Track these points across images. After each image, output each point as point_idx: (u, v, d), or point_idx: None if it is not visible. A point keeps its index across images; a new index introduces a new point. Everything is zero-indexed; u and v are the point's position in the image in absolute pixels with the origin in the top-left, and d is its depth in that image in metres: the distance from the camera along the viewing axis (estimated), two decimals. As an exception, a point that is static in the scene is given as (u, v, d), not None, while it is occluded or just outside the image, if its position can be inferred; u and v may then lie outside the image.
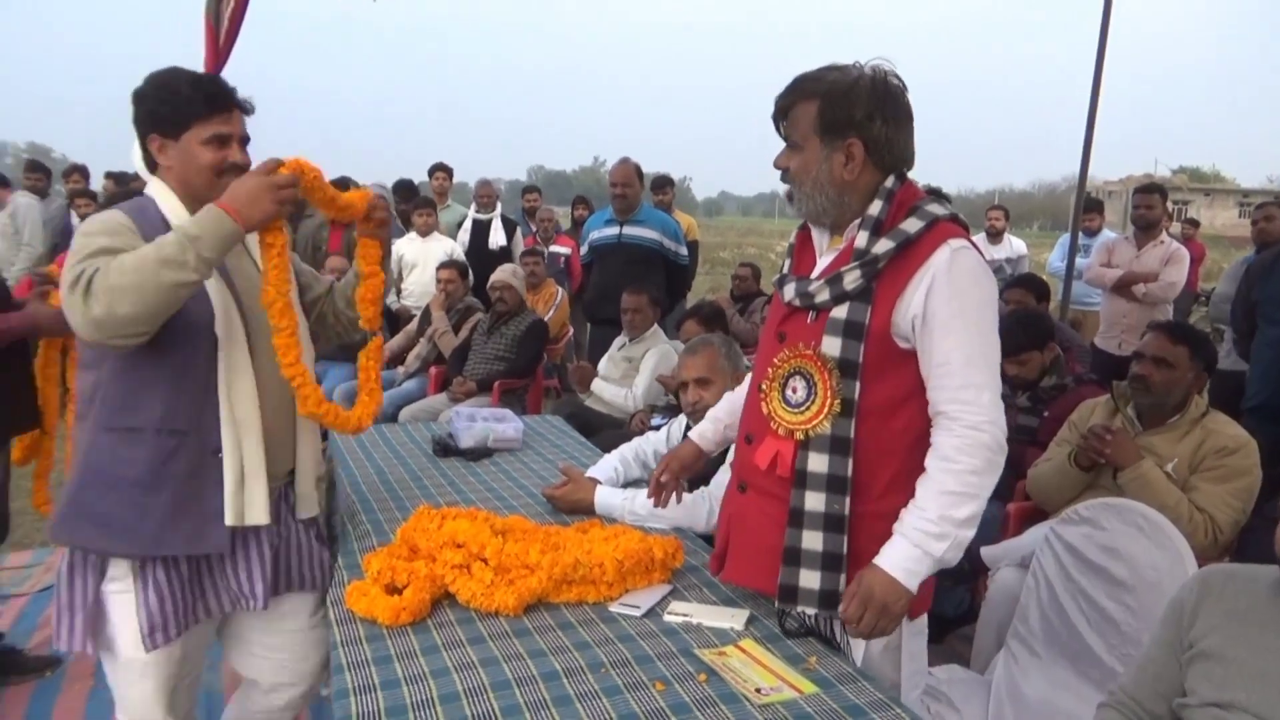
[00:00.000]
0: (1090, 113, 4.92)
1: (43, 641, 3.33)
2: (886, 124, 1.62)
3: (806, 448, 1.65)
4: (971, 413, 1.57)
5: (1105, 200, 40.27)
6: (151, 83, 1.86)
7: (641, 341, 4.67)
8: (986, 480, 1.58)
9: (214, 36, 4.13)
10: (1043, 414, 3.34)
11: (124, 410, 1.78)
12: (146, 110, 1.85)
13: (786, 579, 1.67)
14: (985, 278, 1.62)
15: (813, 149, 1.66)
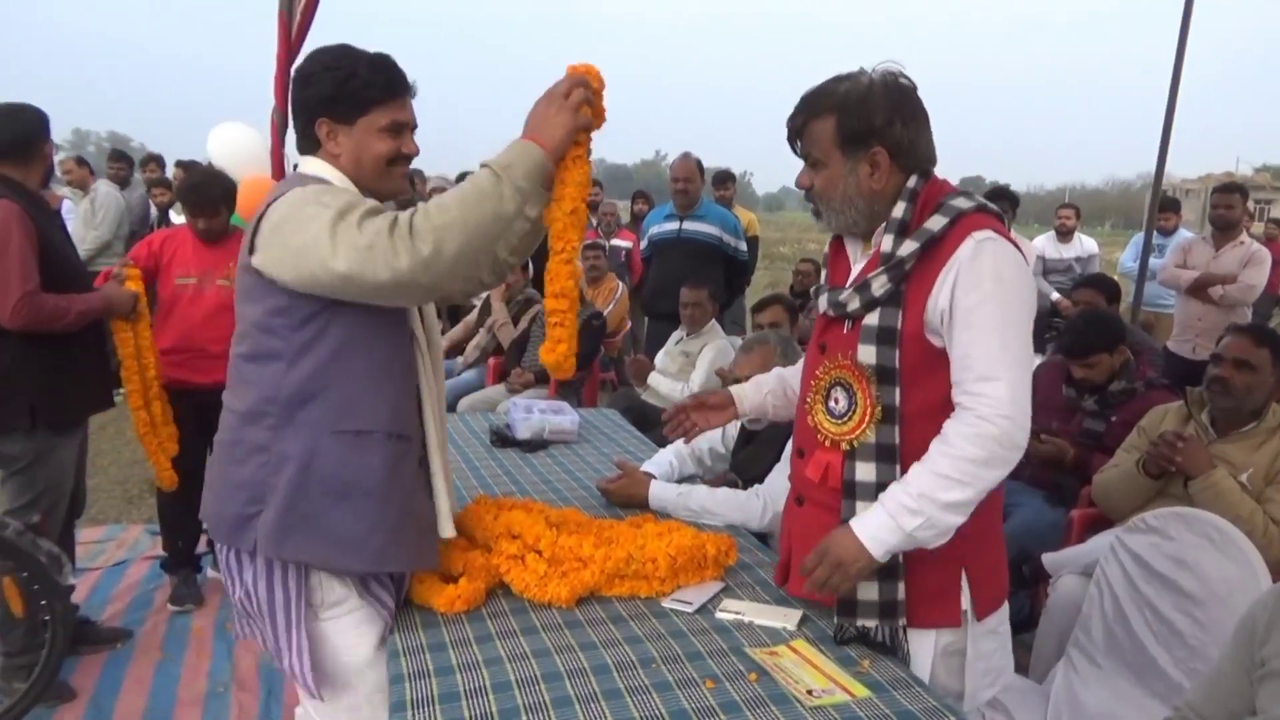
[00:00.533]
0: (1169, 107, 4.76)
1: (115, 614, 3.47)
2: (906, 126, 1.59)
3: (853, 458, 1.62)
4: (983, 404, 1.51)
5: (1182, 199, 38.89)
6: (322, 62, 1.71)
7: (699, 336, 4.66)
8: (985, 472, 1.52)
9: (286, 30, 4.22)
10: (1110, 419, 3.25)
11: (354, 412, 1.64)
12: (316, 92, 1.70)
13: (844, 593, 1.64)
14: (1012, 268, 1.55)
15: (836, 163, 1.63)
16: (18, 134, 2.80)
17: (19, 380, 2.77)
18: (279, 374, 1.64)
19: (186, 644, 3.26)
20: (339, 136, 1.72)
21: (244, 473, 1.66)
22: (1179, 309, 5.37)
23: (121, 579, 3.78)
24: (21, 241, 2.68)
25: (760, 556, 2.12)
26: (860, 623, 1.65)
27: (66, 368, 2.86)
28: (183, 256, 3.42)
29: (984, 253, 1.53)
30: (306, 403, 1.64)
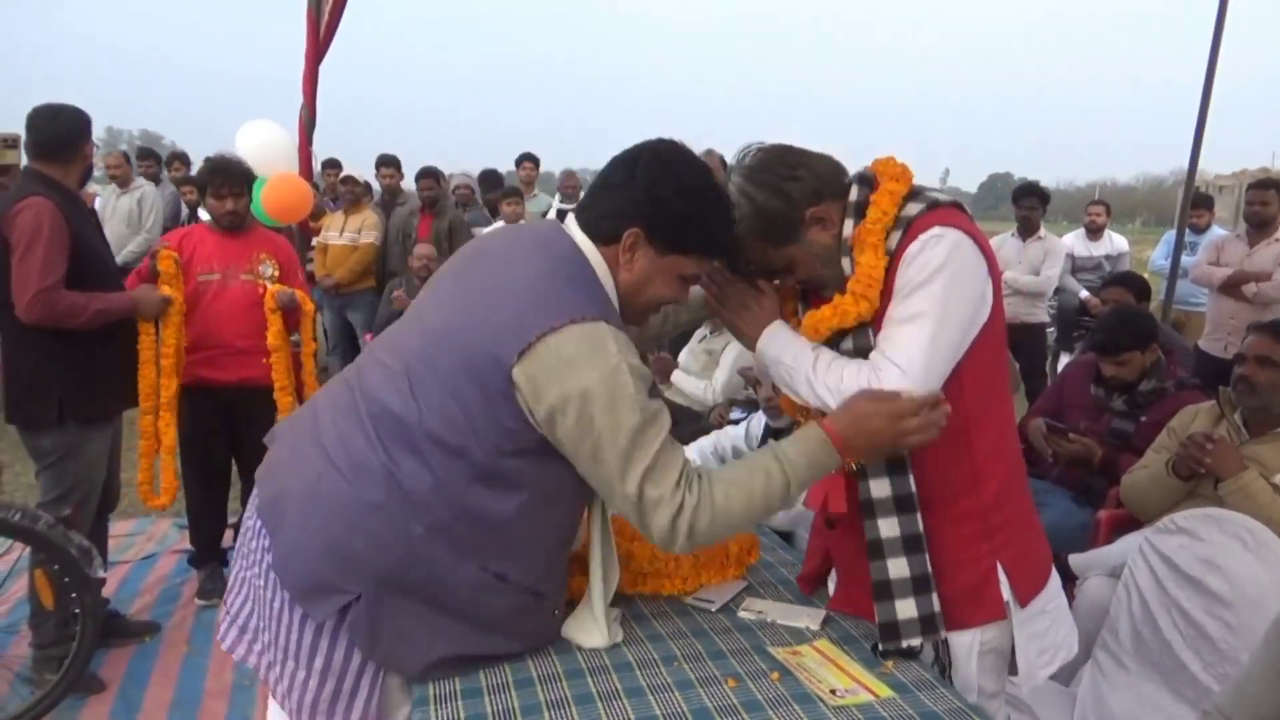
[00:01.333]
0: (1202, 103, 4.69)
1: (143, 608, 3.52)
2: (801, 181, 1.57)
3: (865, 476, 1.60)
4: (885, 372, 1.49)
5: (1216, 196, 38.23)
6: (695, 188, 1.52)
7: (723, 334, 4.65)
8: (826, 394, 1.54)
9: (315, 27, 4.26)
10: (1139, 419, 3.20)
11: (512, 555, 1.52)
12: (668, 215, 1.50)
13: (884, 616, 1.61)
14: (954, 259, 1.51)
15: (796, 254, 1.61)
16: (59, 134, 2.85)
17: (47, 376, 2.81)
18: (466, 481, 1.46)
19: (213, 638, 3.28)
20: (641, 256, 1.53)
21: (361, 536, 1.45)
22: (1211, 307, 5.29)
23: (150, 572, 3.83)
24: (49, 239, 2.72)
25: (783, 555, 2.11)
26: (905, 643, 1.61)
27: (95, 363, 2.90)
28: (204, 252, 3.40)
29: (926, 247, 1.51)
30: (476, 525, 1.48)
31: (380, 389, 1.50)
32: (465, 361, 1.43)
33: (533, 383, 1.39)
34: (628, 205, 1.51)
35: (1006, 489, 1.65)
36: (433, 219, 6.63)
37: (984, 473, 1.61)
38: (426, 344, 1.49)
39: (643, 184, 1.51)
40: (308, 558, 1.47)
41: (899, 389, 1.48)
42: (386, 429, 1.47)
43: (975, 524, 1.62)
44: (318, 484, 1.49)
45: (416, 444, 1.44)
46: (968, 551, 1.61)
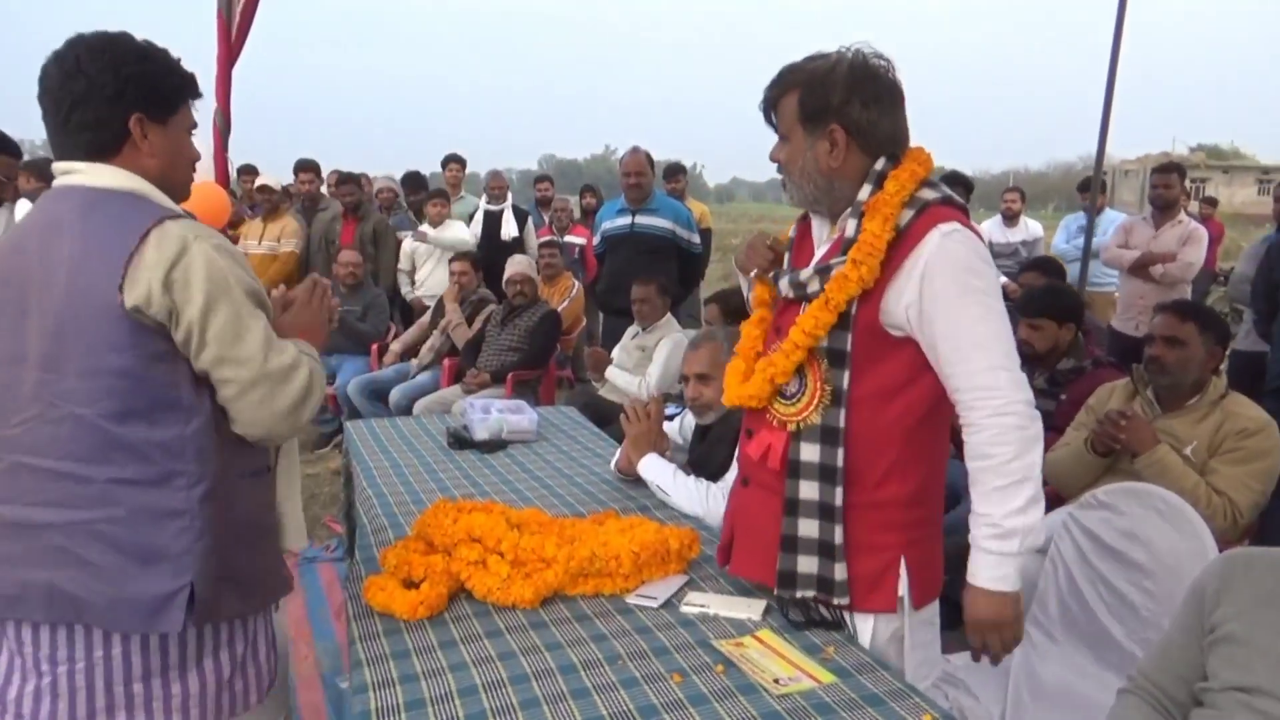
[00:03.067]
0: (1107, 91, 4.86)
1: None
2: (866, 107, 1.60)
3: (799, 439, 1.65)
4: (992, 398, 1.55)
5: (1122, 180, 39.72)
6: (135, 51, 1.49)
7: (654, 330, 4.67)
8: (1028, 459, 1.55)
9: (226, 31, 4.15)
10: (1060, 397, 3.32)
11: (249, 450, 1.56)
12: (136, 83, 1.47)
13: (784, 565, 1.68)
14: (979, 259, 1.59)
15: (798, 139, 1.66)
16: None
17: None
18: (179, 427, 1.45)
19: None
20: (154, 135, 1.51)
21: (157, 544, 1.44)
22: (1122, 288, 5.50)
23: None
24: None
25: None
26: (799, 593, 1.67)
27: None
28: None
29: (950, 245, 1.56)
30: (216, 451, 1.49)
31: (40, 443, 1.45)
32: (94, 339, 1.41)
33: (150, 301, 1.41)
34: (106, 103, 1.47)
35: (926, 491, 1.71)
36: (356, 224, 6.50)
37: (910, 468, 1.66)
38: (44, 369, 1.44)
39: (112, 75, 1.46)
40: (129, 597, 1.44)
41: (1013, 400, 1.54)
42: (94, 449, 1.43)
43: (890, 513, 1.66)
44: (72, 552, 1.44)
45: (115, 439, 1.43)
46: (877, 538, 1.66)
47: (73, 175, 1.51)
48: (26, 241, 1.49)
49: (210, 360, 1.46)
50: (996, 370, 1.55)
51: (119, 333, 1.41)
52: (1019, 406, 1.55)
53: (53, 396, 1.44)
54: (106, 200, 1.48)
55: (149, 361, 1.43)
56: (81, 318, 1.42)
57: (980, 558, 1.59)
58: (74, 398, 1.43)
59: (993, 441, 1.55)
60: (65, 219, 1.46)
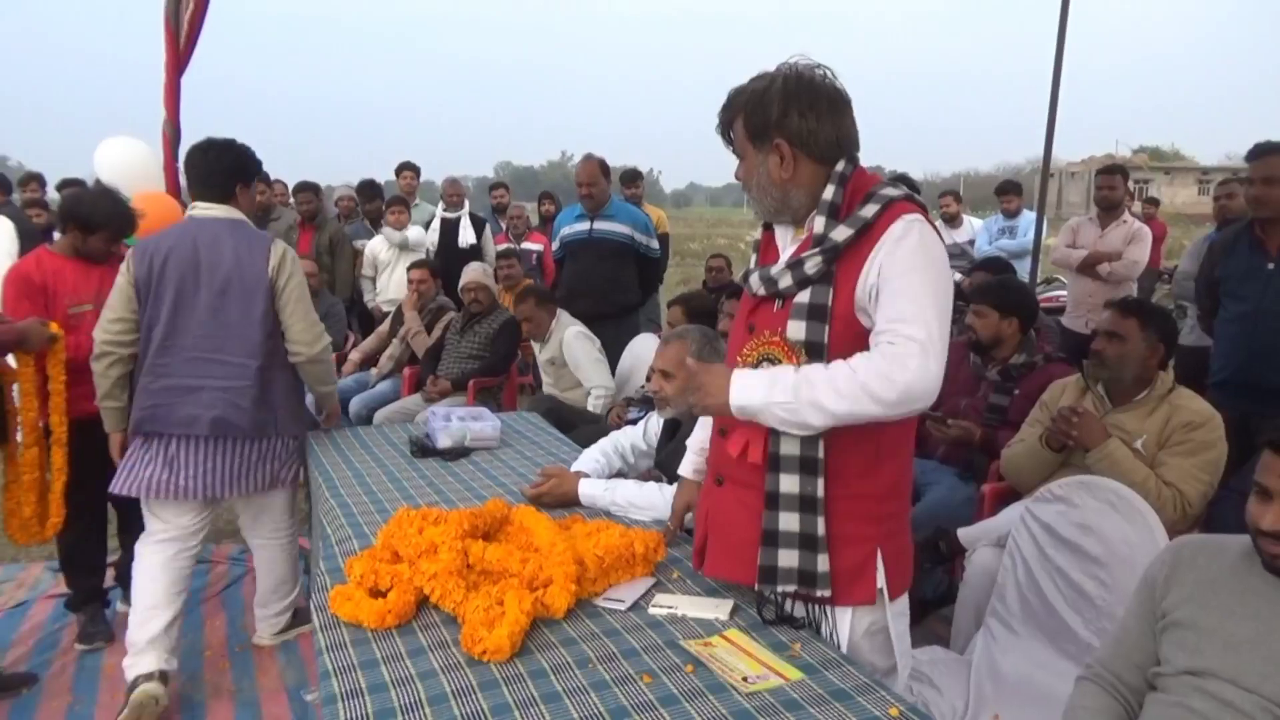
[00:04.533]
0: (1052, 95, 4.98)
1: (18, 659, 3.29)
2: (804, 116, 1.65)
3: (778, 433, 1.67)
4: (902, 349, 1.52)
5: (1068, 181, 40.49)
6: (239, 149, 3.00)
7: (551, 339, 4.74)
8: (870, 405, 1.51)
9: (174, 39, 4.08)
10: (1013, 391, 3.39)
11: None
12: (238, 159, 2.99)
13: (765, 560, 1.69)
14: (934, 246, 1.63)
15: (750, 156, 1.73)
16: None
17: None
18: (278, 340, 3.00)
19: (98, 684, 3.12)
20: (246, 194, 3.03)
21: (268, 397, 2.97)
22: (1071, 286, 5.62)
23: (23, 621, 3.59)
24: None
25: (689, 549, 2.14)
26: (780, 589, 1.69)
27: None
28: (70, 282, 3.20)
29: (912, 231, 1.60)
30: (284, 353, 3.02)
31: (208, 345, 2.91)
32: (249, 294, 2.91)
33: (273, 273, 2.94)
34: (226, 175, 2.98)
35: (898, 486, 1.75)
36: (313, 233, 6.43)
37: (885, 462, 1.69)
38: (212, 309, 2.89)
39: (224, 154, 3.00)
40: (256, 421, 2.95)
41: (923, 364, 1.50)
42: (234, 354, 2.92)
43: (868, 505, 1.69)
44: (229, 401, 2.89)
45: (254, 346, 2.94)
46: (857, 529, 1.69)
47: (211, 210, 2.96)
48: (194, 243, 2.89)
49: (285, 309, 2.95)
50: (920, 340, 1.51)
51: (263, 291, 2.91)
52: (916, 371, 1.50)
53: (218, 323, 2.88)
54: (235, 223, 2.97)
55: (269, 307, 2.92)
56: (245, 280, 2.89)
57: (759, 375, 1.61)
58: (235, 324, 2.89)
59: (876, 369, 1.52)
60: (220, 231, 2.92)
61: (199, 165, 2.97)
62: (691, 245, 25.72)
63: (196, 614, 3.62)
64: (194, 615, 3.61)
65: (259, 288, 2.88)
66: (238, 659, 3.26)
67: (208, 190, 2.96)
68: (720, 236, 28.62)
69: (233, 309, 2.87)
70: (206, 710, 2.93)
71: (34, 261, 3.22)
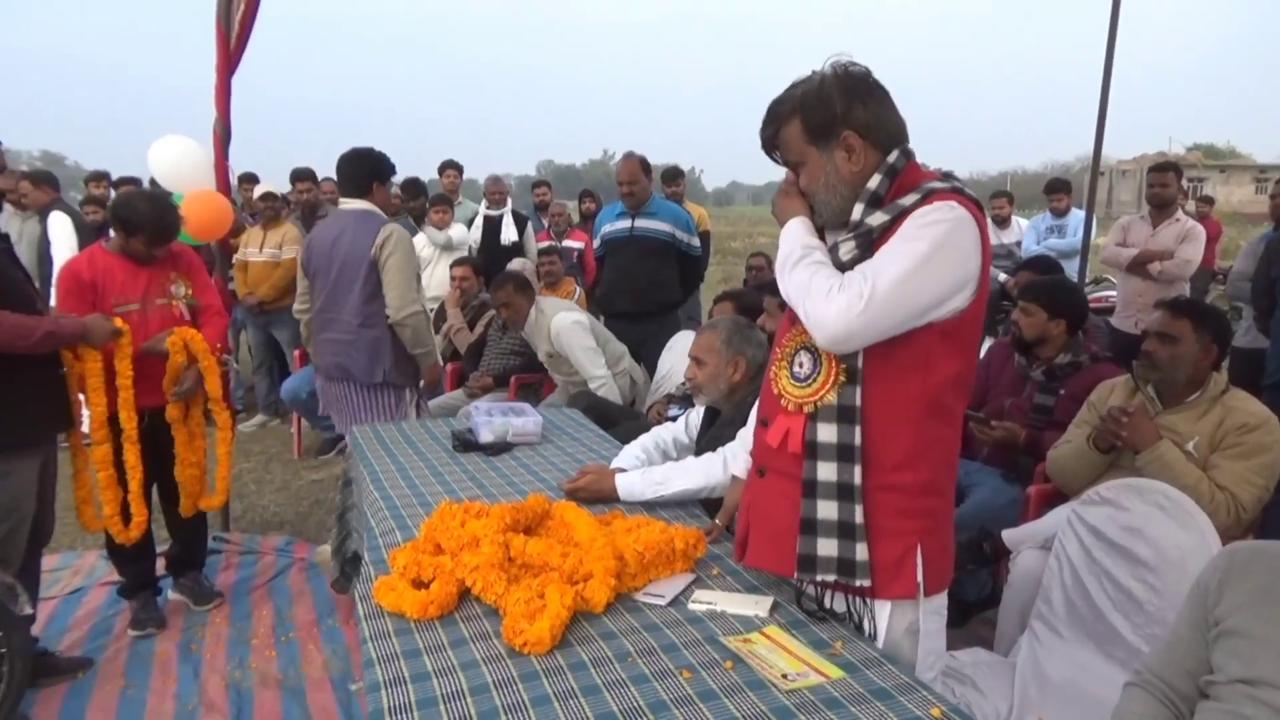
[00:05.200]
0: (1103, 92, 4.88)
1: (74, 643, 3.39)
2: (866, 105, 1.65)
3: (815, 420, 1.66)
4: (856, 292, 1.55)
5: (1119, 179, 39.65)
6: (375, 155, 3.78)
7: (536, 330, 4.64)
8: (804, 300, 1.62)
9: (225, 40, 4.15)
10: (1059, 392, 3.33)
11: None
12: (374, 163, 3.76)
13: (804, 549, 1.69)
14: (951, 228, 1.57)
15: (813, 159, 1.69)
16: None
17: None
18: (382, 304, 3.66)
19: (150, 669, 3.20)
20: (377, 190, 3.83)
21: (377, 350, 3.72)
22: (1121, 286, 5.52)
23: (79, 606, 3.69)
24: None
25: (729, 546, 2.14)
26: (819, 578, 1.68)
27: (12, 390, 2.77)
28: (117, 281, 3.27)
29: (937, 211, 1.58)
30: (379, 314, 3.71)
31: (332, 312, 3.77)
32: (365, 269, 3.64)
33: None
34: (365, 176, 3.74)
35: (939, 481, 1.72)
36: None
37: (926, 454, 1.67)
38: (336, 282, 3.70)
39: (365, 167, 3.77)
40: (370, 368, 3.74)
41: (847, 307, 1.54)
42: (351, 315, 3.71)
43: (906, 499, 1.68)
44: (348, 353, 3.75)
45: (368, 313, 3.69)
46: (895, 522, 1.67)
47: (350, 203, 3.75)
48: (331, 230, 3.75)
49: (384, 279, 3.62)
50: (871, 294, 1.53)
51: (366, 264, 3.61)
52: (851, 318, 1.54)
53: (334, 290, 3.69)
54: (365, 213, 3.71)
55: (369, 277, 3.64)
56: (355, 256, 3.62)
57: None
58: (344, 291, 3.67)
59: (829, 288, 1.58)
60: (350, 219, 3.70)
61: (344, 168, 3.75)
62: (733, 244, 25.64)
63: (244, 603, 3.70)
64: (242, 604, 3.69)
65: (363, 262, 3.60)
66: (283, 648, 3.32)
67: (350, 188, 3.76)
68: (761, 235, 28.49)
69: (343, 279, 3.66)
70: (254, 697, 2.99)
71: (86, 258, 3.30)
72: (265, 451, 5.94)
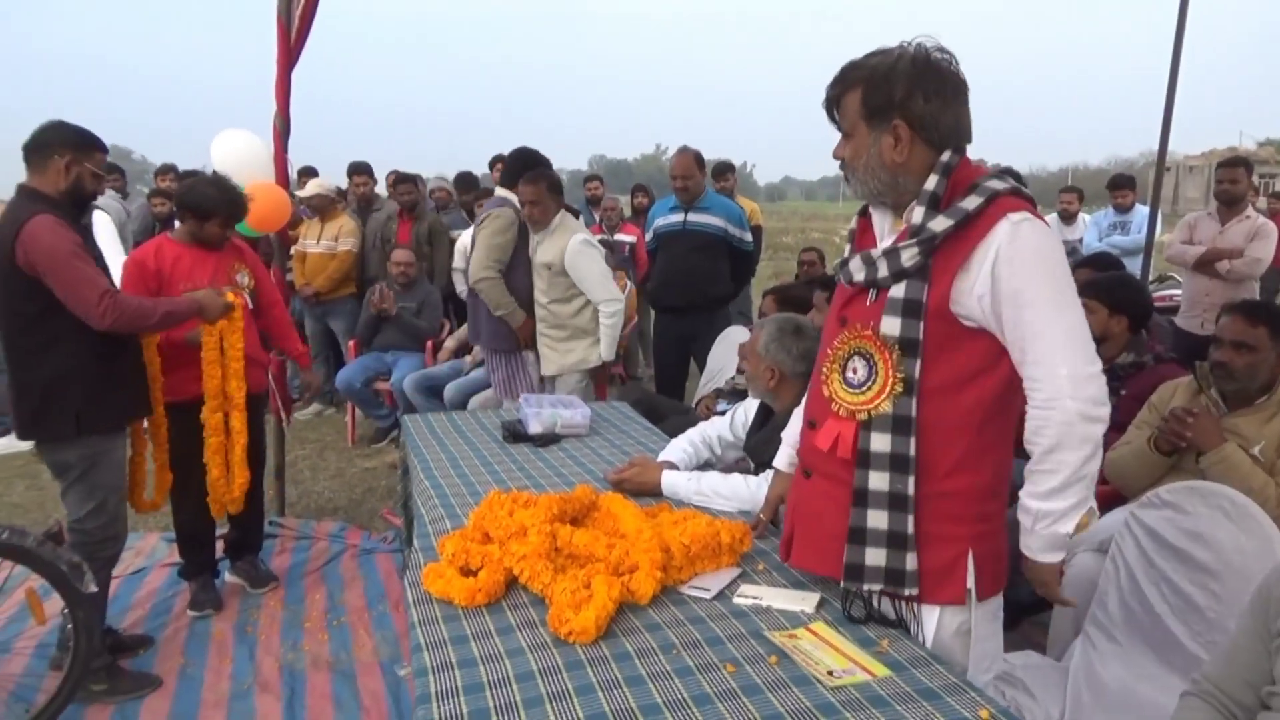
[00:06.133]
0: (1170, 86, 4.74)
1: (135, 622, 3.49)
2: (929, 100, 1.60)
3: (869, 428, 1.64)
4: (1039, 389, 1.56)
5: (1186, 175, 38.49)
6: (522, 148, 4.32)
7: (550, 240, 4.18)
8: (1065, 456, 1.56)
9: (285, 35, 4.23)
10: (1119, 392, 3.24)
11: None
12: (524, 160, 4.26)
13: (852, 557, 1.67)
14: (1050, 248, 1.58)
15: (861, 135, 1.66)
16: (36, 140, 2.80)
17: (65, 389, 2.81)
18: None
19: (207, 648, 3.29)
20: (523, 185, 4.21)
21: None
22: (1186, 285, 5.36)
23: (140, 586, 3.81)
24: (75, 250, 2.73)
25: (775, 542, 2.13)
26: (866, 587, 1.67)
27: (110, 374, 2.92)
28: (183, 268, 3.37)
29: (1021, 234, 1.55)
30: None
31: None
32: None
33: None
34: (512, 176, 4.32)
35: (993, 486, 1.70)
36: (411, 223, 6.61)
37: (984, 460, 1.65)
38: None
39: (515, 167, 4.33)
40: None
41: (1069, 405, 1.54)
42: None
43: (959, 505, 1.65)
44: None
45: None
46: (947, 529, 1.65)
47: (502, 193, 4.40)
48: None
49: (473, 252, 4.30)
50: (1053, 363, 1.54)
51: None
52: (1067, 403, 1.54)
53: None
54: (502, 199, 4.34)
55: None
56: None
57: (1030, 537, 1.65)
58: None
59: (1034, 430, 1.58)
60: (493, 205, 4.38)
61: (503, 164, 4.60)
62: (784, 239, 25.46)
63: (298, 587, 3.78)
64: (296, 588, 3.77)
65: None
66: (335, 632, 3.38)
67: (506, 180, 4.40)
68: (814, 230, 28.23)
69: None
70: (307, 679, 3.06)
71: (153, 248, 3.41)
72: (320, 440, 6.06)
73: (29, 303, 2.74)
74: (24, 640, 3.22)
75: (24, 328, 2.78)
